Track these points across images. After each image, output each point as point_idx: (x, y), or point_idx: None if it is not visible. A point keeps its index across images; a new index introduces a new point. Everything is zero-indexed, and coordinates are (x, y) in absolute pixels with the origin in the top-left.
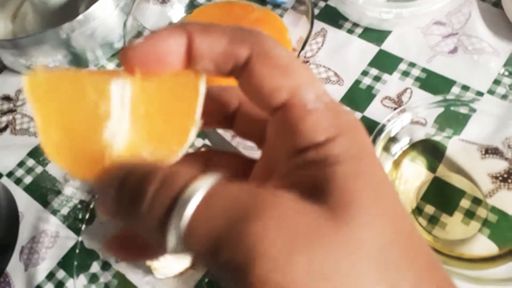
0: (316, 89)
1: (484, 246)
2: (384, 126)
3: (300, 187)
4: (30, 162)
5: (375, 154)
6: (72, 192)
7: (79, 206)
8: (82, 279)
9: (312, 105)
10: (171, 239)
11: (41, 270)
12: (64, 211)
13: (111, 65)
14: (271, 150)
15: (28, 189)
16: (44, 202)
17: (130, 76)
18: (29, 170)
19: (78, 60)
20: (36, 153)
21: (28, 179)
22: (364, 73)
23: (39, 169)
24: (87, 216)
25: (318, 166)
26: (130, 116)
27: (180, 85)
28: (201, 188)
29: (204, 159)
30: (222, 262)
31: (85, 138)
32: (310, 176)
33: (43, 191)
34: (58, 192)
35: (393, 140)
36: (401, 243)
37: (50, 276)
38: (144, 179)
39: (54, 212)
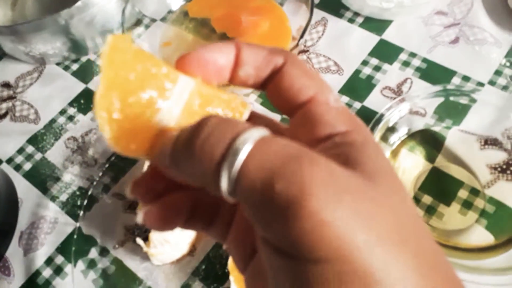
0: (334, 93)
1: (481, 236)
2: (382, 115)
3: (335, 160)
4: (30, 149)
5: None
6: (71, 179)
7: (77, 192)
8: (80, 265)
9: (332, 103)
10: (224, 180)
11: (40, 255)
12: (63, 197)
13: None
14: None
15: (28, 176)
16: (43, 188)
17: (193, 76)
18: (29, 157)
19: (77, 48)
20: (35, 140)
21: (27, 166)
22: (364, 62)
23: (38, 156)
24: (85, 203)
25: (348, 147)
26: (183, 107)
27: (232, 99)
28: (254, 134)
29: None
30: (275, 195)
31: (139, 115)
32: (342, 153)
33: (42, 177)
34: (57, 179)
35: (391, 130)
36: (414, 211)
37: (49, 261)
38: (198, 127)
39: (53, 198)
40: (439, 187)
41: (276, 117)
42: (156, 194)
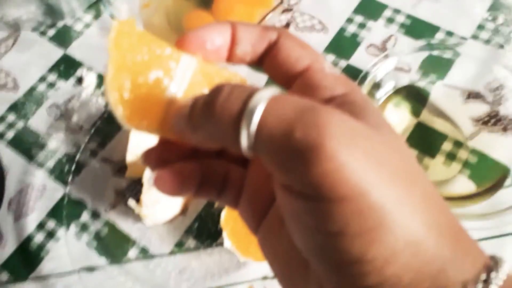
0: (327, 62)
1: (464, 185)
2: (368, 73)
3: None
4: (11, 118)
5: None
6: (56, 146)
7: (64, 159)
8: (73, 228)
9: (328, 70)
10: (244, 135)
11: (31, 221)
12: (50, 164)
13: (88, 17)
14: None
15: (12, 144)
16: (29, 156)
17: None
18: (10, 126)
19: (52, 12)
20: (16, 108)
21: (10, 134)
22: (349, 20)
23: (20, 124)
24: (73, 168)
25: (350, 105)
26: (187, 84)
27: (232, 76)
28: (268, 92)
29: None
30: (296, 141)
31: (148, 93)
32: (347, 110)
33: (27, 145)
34: (42, 146)
35: (377, 86)
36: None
37: (41, 226)
38: (214, 92)
39: (40, 165)
40: (424, 141)
41: None
42: (168, 164)
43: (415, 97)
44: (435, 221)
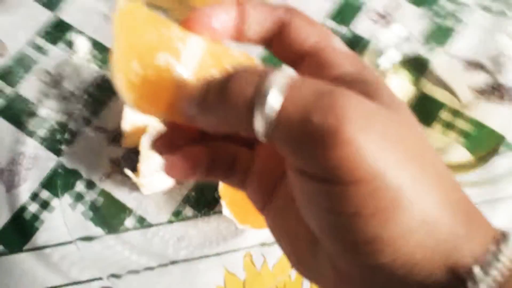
0: (338, 39)
1: (460, 154)
2: (369, 40)
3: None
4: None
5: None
6: (47, 114)
7: (56, 127)
8: (67, 198)
9: (338, 48)
10: (259, 119)
11: (24, 191)
12: (41, 132)
13: None
14: None
15: (0, 112)
16: (19, 124)
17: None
18: None
19: None
20: (4, 74)
21: None
22: None
23: (9, 90)
24: (66, 136)
25: (362, 84)
26: (196, 65)
27: (240, 55)
28: (283, 74)
29: None
30: (314, 126)
31: (156, 76)
32: (360, 89)
33: (17, 113)
34: (33, 114)
35: (378, 54)
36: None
37: (34, 196)
38: (228, 76)
39: (31, 134)
40: (422, 109)
41: None
42: (176, 148)
43: (416, 65)
44: (449, 199)
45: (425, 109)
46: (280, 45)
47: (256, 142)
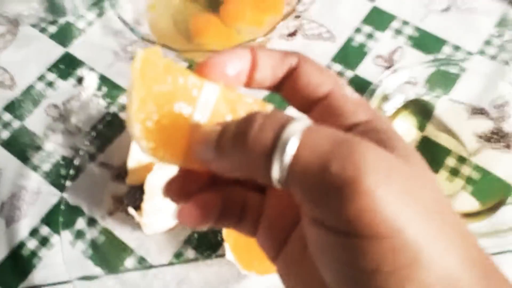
0: (348, 86)
1: (467, 202)
2: (376, 86)
3: None
4: (7, 117)
5: None
6: (53, 148)
7: (61, 162)
8: (68, 235)
9: (350, 95)
10: (276, 167)
11: (24, 226)
12: (46, 167)
13: (90, 15)
14: None
15: (6, 145)
16: (24, 158)
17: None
18: (6, 125)
19: (54, 8)
20: (12, 107)
21: (5, 134)
22: (357, 30)
23: (16, 124)
24: (71, 172)
25: (375, 133)
26: (211, 112)
27: (254, 101)
28: (300, 123)
29: None
30: (332, 175)
31: (173, 124)
32: (373, 139)
33: (22, 146)
34: (38, 148)
35: (384, 100)
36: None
37: (34, 232)
38: (246, 121)
39: (35, 168)
40: (428, 156)
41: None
42: (188, 194)
43: (421, 111)
44: (468, 255)
45: (430, 155)
46: (291, 91)
47: (267, 187)
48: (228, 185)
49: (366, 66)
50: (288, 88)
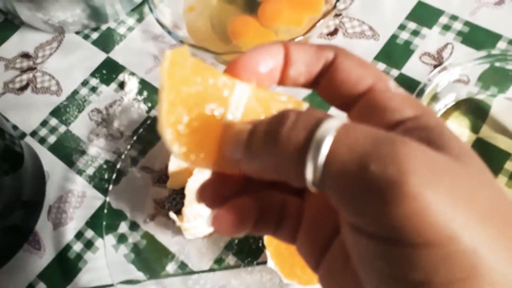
0: (391, 81)
1: None
2: (425, 85)
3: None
4: (53, 122)
5: None
6: (96, 152)
7: (104, 166)
8: (111, 239)
9: (394, 90)
10: (310, 167)
11: (70, 230)
12: (90, 171)
13: (131, 20)
14: None
15: (53, 149)
16: (69, 162)
17: (247, 82)
18: (53, 130)
19: (97, 15)
20: (58, 112)
21: (52, 139)
22: (402, 27)
23: (62, 129)
24: (113, 176)
25: (424, 131)
26: (243, 113)
27: (288, 100)
28: (336, 121)
29: None
30: (371, 176)
31: (204, 126)
32: (421, 137)
33: (68, 150)
34: (83, 152)
35: (434, 99)
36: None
37: (79, 235)
38: (278, 119)
39: (80, 172)
40: (484, 159)
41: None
42: (223, 199)
43: (475, 111)
44: None
45: (487, 158)
46: (329, 87)
47: (306, 191)
48: (264, 189)
49: (412, 65)
50: (325, 85)
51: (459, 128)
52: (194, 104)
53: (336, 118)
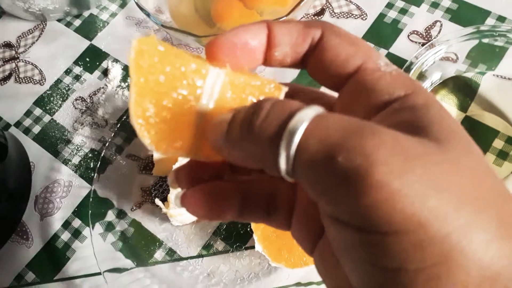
0: (383, 58)
1: None
2: (412, 63)
3: (398, 128)
4: (37, 111)
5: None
6: (82, 141)
7: (90, 155)
8: (98, 228)
9: (384, 68)
10: (283, 157)
11: (57, 219)
12: (75, 160)
13: (113, 6)
14: (347, 110)
15: (38, 139)
16: (55, 151)
17: (222, 66)
18: (37, 120)
19: (78, 1)
20: (42, 101)
21: (36, 129)
22: (389, 5)
23: (46, 118)
24: (98, 165)
25: (409, 111)
26: (216, 100)
27: (265, 84)
28: (309, 111)
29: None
30: (339, 167)
31: (175, 116)
32: (405, 119)
33: (53, 140)
34: (68, 141)
35: (421, 77)
36: (487, 169)
37: (66, 224)
38: (253, 109)
39: (65, 161)
40: (472, 137)
41: None
42: (197, 183)
43: (463, 89)
44: None
45: (475, 136)
46: (317, 68)
47: None
48: (250, 174)
49: (401, 43)
50: (313, 64)
51: (446, 106)
52: (163, 93)
53: (312, 108)
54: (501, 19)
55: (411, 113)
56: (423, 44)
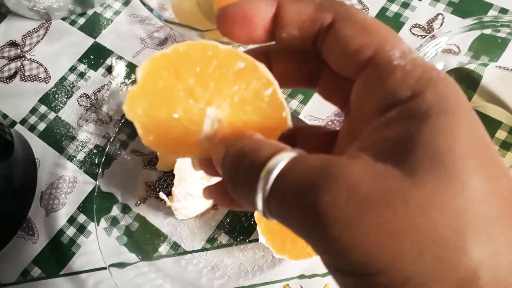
0: (401, 46)
1: None
2: None
3: (380, 146)
4: (43, 109)
5: (470, 108)
6: (86, 137)
7: (94, 151)
8: (103, 223)
9: (397, 61)
10: (259, 203)
11: (62, 215)
12: (80, 156)
13: (117, 4)
14: (356, 114)
15: (43, 136)
16: (60, 148)
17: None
18: (42, 117)
19: (82, 0)
20: (47, 99)
21: (41, 126)
22: None
23: (51, 115)
24: (103, 160)
25: (403, 124)
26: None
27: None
28: (282, 161)
29: (291, 134)
30: (295, 226)
31: (178, 135)
32: (394, 135)
33: (58, 137)
34: (73, 138)
35: None
36: (496, 202)
37: (71, 220)
38: (239, 153)
39: (70, 157)
40: None
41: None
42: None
43: (465, 81)
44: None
45: None
46: (329, 53)
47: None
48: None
49: (403, 37)
50: (325, 50)
51: None
52: (158, 100)
53: (286, 154)
54: (503, 11)
55: (404, 127)
56: (425, 37)
